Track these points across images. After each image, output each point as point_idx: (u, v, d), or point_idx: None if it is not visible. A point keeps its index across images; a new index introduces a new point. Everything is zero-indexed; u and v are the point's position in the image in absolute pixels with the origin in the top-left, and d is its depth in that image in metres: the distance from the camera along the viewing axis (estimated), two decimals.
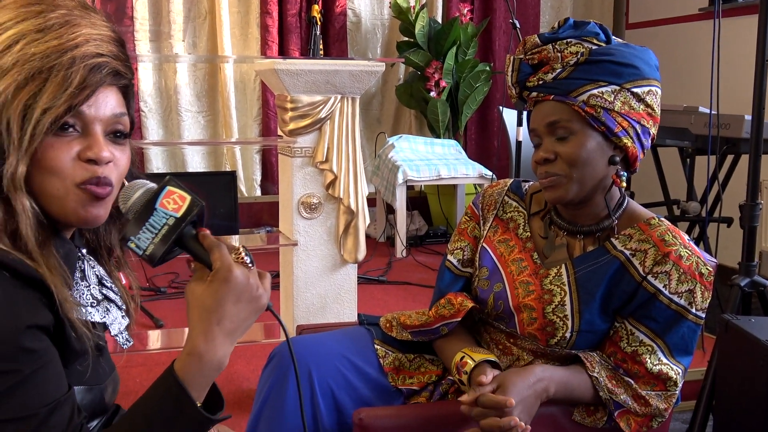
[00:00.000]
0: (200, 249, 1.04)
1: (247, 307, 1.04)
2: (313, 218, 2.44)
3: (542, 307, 1.46)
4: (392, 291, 3.98)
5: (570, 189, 1.42)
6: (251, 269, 1.05)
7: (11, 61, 0.95)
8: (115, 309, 1.13)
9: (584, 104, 1.39)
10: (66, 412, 0.96)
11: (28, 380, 0.92)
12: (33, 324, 0.93)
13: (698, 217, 3.41)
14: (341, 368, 1.58)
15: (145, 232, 1.01)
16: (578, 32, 1.43)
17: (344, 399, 1.56)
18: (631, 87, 1.40)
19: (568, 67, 1.40)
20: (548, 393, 1.40)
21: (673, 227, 1.46)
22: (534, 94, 1.44)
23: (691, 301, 1.41)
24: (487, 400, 1.32)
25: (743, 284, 2.36)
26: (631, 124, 1.41)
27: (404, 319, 1.63)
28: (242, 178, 5.39)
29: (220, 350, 1.02)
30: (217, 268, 1.02)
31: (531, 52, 1.44)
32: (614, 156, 1.43)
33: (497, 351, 1.55)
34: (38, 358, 0.94)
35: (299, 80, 2.32)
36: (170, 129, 5.27)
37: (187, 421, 0.99)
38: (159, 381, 1.01)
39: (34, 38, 0.96)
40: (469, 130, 5.82)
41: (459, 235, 1.66)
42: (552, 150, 1.42)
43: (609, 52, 1.41)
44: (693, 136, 3.28)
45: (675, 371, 1.43)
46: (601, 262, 1.46)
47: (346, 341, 1.64)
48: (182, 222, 1.02)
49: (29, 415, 0.92)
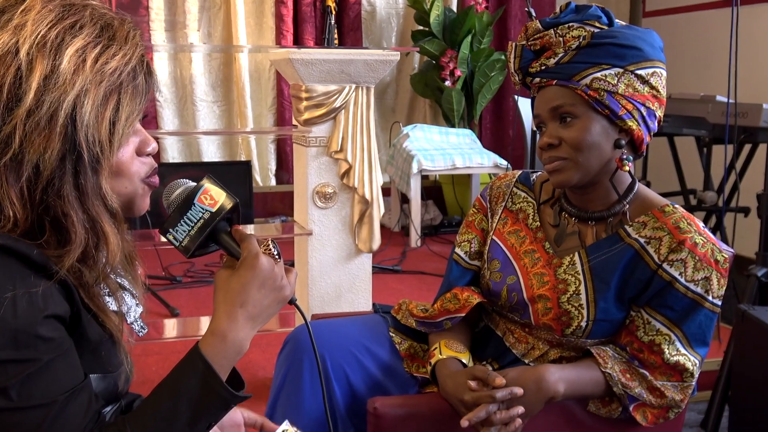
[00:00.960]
0: (232, 244, 1.10)
1: (270, 294, 1.08)
2: (328, 208, 2.45)
3: (557, 297, 1.46)
4: (407, 280, 3.98)
5: (575, 173, 1.42)
6: (278, 261, 1.09)
7: (86, 82, 0.96)
8: (129, 297, 1.15)
9: (587, 88, 1.38)
10: (84, 400, 0.98)
11: (46, 368, 0.94)
12: (51, 314, 0.95)
13: (715, 207, 3.39)
14: (356, 353, 1.58)
15: (183, 225, 1.08)
16: (580, 16, 1.42)
17: (359, 384, 1.57)
18: (634, 69, 1.39)
19: (570, 51, 1.40)
20: (557, 393, 1.39)
21: (688, 214, 1.44)
22: (537, 80, 1.44)
23: (708, 289, 1.40)
24: (502, 396, 1.33)
25: (760, 274, 2.35)
26: (635, 106, 1.40)
27: (412, 307, 1.64)
28: (257, 168, 5.40)
29: (241, 332, 1.06)
30: (245, 256, 1.07)
31: (533, 37, 1.44)
32: (619, 139, 1.42)
33: (512, 339, 1.54)
34: (56, 346, 0.95)
35: (314, 70, 2.32)
36: (185, 119, 5.28)
37: (212, 397, 1.01)
38: (184, 360, 1.03)
39: (98, 54, 0.98)
40: (484, 120, 5.81)
41: (466, 227, 1.66)
42: (556, 135, 1.42)
43: (611, 34, 1.40)
44: (710, 125, 3.25)
45: (692, 362, 1.42)
46: (615, 250, 1.45)
47: (361, 327, 1.65)
48: (216, 216, 1.08)
49: (49, 402, 0.94)
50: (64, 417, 0.95)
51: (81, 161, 0.97)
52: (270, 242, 1.11)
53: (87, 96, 0.96)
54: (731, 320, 2.24)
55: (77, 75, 0.96)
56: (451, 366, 1.46)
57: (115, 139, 0.99)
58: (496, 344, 1.57)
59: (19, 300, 0.92)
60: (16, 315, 0.91)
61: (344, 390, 1.55)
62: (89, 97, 0.96)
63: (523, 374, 1.40)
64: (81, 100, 0.96)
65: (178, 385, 1.01)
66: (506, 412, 1.32)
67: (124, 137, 1.01)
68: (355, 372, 1.57)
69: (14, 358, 0.92)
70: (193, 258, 1.12)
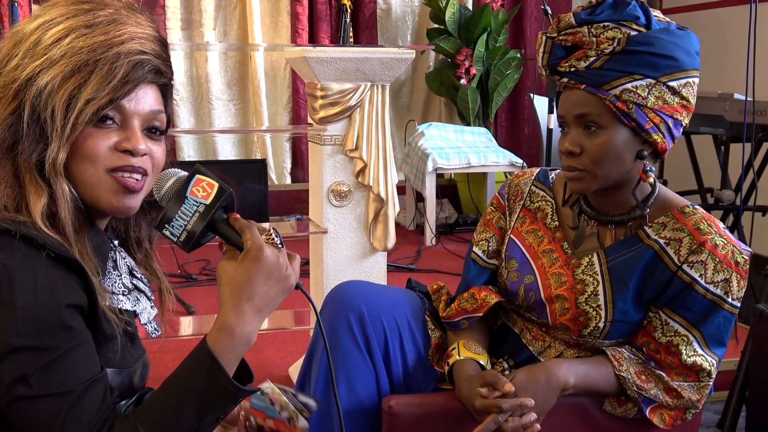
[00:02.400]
0: (231, 232, 1.08)
1: (276, 285, 1.07)
2: (343, 206, 2.44)
3: (575, 298, 1.45)
4: (422, 279, 3.93)
5: (593, 183, 1.40)
6: (281, 250, 1.08)
7: (59, 54, 1.00)
8: (144, 299, 1.16)
9: (616, 99, 1.34)
10: (100, 391, 0.99)
11: (65, 357, 0.95)
12: (70, 303, 0.96)
13: (732, 206, 3.37)
14: (400, 326, 1.57)
15: (178, 219, 1.06)
16: (617, 14, 1.35)
17: (394, 352, 1.55)
18: (667, 81, 1.35)
19: (603, 56, 1.34)
20: (567, 385, 1.39)
21: (708, 215, 1.43)
22: (565, 80, 1.39)
23: (727, 291, 1.39)
24: (509, 406, 1.31)
25: None
26: (663, 119, 1.36)
27: (444, 299, 1.63)
28: (272, 166, 5.41)
29: (249, 325, 1.05)
30: (249, 248, 1.06)
31: (565, 32, 1.38)
32: (642, 150, 1.39)
33: (529, 336, 1.54)
34: (75, 336, 0.97)
35: (329, 68, 2.31)
36: (201, 117, 5.30)
37: (219, 392, 1.01)
38: (191, 355, 1.04)
39: (82, 33, 1.01)
40: (500, 118, 5.79)
41: (484, 225, 1.64)
42: (579, 142, 1.38)
43: (648, 41, 1.33)
44: (727, 123, 3.23)
45: (709, 362, 1.41)
46: (634, 251, 1.44)
47: (406, 300, 1.63)
48: (212, 208, 1.06)
49: (66, 392, 0.95)
50: (81, 407, 0.96)
51: (35, 127, 1.00)
52: (272, 230, 1.09)
53: (53, 66, 1.00)
54: (748, 320, 2.22)
55: (54, 47, 1.01)
56: (468, 368, 1.45)
57: (71, 114, 1.00)
58: (513, 341, 1.57)
59: (41, 288, 0.93)
60: (38, 303, 0.93)
61: (384, 366, 1.54)
62: (55, 68, 1.00)
63: (531, 371, 1.40)
64: (46, 69, 1.00)
65: (185, 379, 1.02)
66: (518, 420, 1.31)
67: (85, 116, 1.01)
68: (394, 339, 1.55)
69: (35, 346, 0.93)
70: (194, 250, 1.10)
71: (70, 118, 0.99)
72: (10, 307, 0.92)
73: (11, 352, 0.93)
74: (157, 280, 1.23)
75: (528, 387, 1.36)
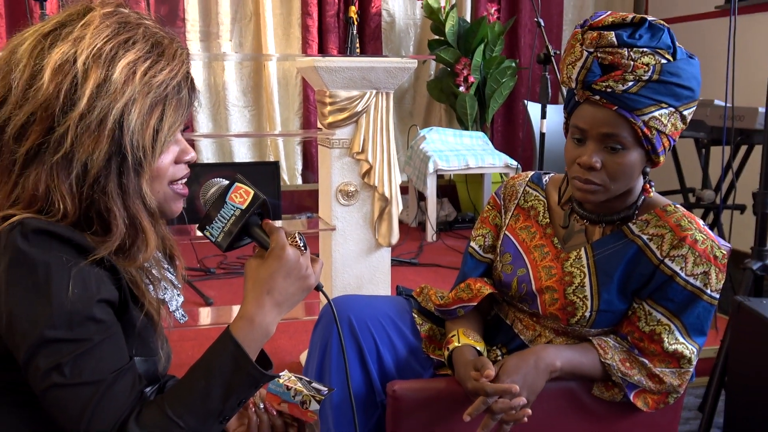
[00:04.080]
0: (262, 235, 1.11)
1: (296, 283, 1.08)
2: (350, 205, 2.45)
3: (563, 289, 1.45)
4: (423, 273, 3.98)
5: (603, 196, 1.41)
6: (304, 253, 1.10)
7: (136, 92, 0.99)
8: (171, 288, 1.16)
9: (644, 125, 1.32)
10: (129, 379, 0.99)
11: (97, 348, 0.96)
12: (102, 298, 0.97)
13: (713, 205, 3.36)
14: (385, 326, 1.58)
15: (217, 222, 1.10)
16: (654, 41, 1.31)
17: (385, 353, 1.56)
18: (683, 110, 1.35)
19: (640, 83, 1.31)
20: (554, 367, 1.39)
21: (689, 213, 1.43)
22: (596, 97, 1.34)
23: (706, 283, 1.39)
24: (492, 390, 1.32)
25: (756, 268, 2.33)
26: (670, 142, 1.38)
27: (432, 293, 1.64)
28: (285, 168, 5.42)
29: (268, 316, 1.06)
30: (273, 247, 1.08)
31: (604, 50, 1.32)
32: (646, 167, 1.40)
33: (521, 326, 1.54)
34: (106, 328, 0.97)
35: (337, 76, 2.32)
36: (219, 122, 5.31)
37: (243, 376, 1.02)
38: (216, 342, 1.04)
39: (148, 67, 1.01)
40: (496, 123, 5.78)
41: (481, 223, 1.65)
42: (600, 158, 1.36)
43: (676, 72, 1.31)
44: (708, 127, 3.23)
45: (690, 350, 1.41)
46: (618, 246, 1.45)
47: (389, 304, 1.65)
48: (246, 212, 1.09)
49: (98, 380, 0.95)
50: (112, 394, 0.96)
51: (125, 163, 0.99)
52: (297, 235, 1.12)
53: (135, 105, 0.99)
54: (728, 311, 2.22)
55: (127, 85, 0.99)
56: (466, 354, 1.46)
57: (158, 146, 1.02)
58: (505, 330, 1.57)
59: (76, 285, 0.94)
60: (72, 298, 0.93)
61: (376, 363, 1.55)
62: (136, 106, 0.99)
63: (522, 355, 1.40)
64: (129, 108, 0.98)
65: (211, 365, 1.02)
66: (506, 402, 1.31)
67: (166, 145, 1.03)
68: (385, 345, 1.57)
69: (68, 338, 0.94)
70: (229, 251, 1.13)
71: (157, 147, 1.02)
72: (47, 301, 0.93)
73: (46, 343, 0.93)
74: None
75: (519, 370, 1.36)
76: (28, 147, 0.97)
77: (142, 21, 1.04)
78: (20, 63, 0.98)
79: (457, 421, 1.39)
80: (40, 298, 0.93)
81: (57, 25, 1.00)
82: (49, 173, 0.97)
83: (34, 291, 0.93)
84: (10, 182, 0.99)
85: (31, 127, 0.97)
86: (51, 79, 0.96)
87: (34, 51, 0.98)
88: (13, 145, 0.98)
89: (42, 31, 1.00)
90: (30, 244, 0.94)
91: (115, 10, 1.03)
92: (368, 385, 1.54)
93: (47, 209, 0.98)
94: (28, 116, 0.97)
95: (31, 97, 0.97)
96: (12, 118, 0.97)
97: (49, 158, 0.97)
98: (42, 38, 0.99)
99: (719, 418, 2.31)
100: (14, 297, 0.93)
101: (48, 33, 1.00)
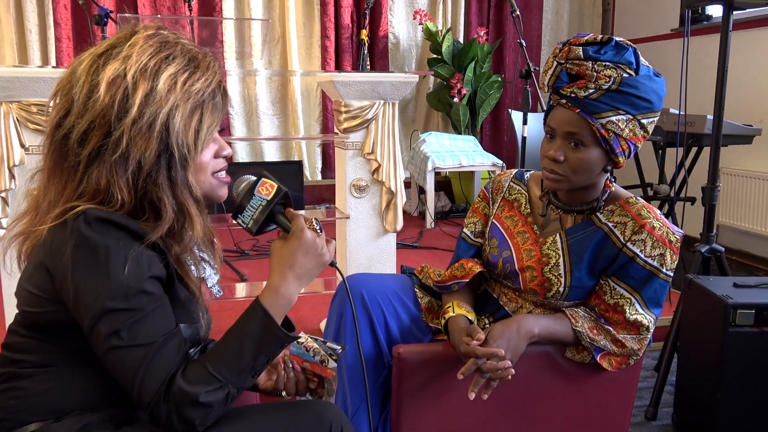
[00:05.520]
0: (285, 221, 1.12)
1: (313, 260, 1.09)
2: (362, 197, 2.44)
3: (541, 268, 1.45)
4: (423, 254, 3.98)
5: (566, 185, 1.40)
6: (320, 234, 1.11)
7: (178, 99, 1.00)
8: (209, 267, 1.17)
9: (602, 127, 1.31)
10: (176, 342, 1.00)
11: (149, 316, 0.96)
12: (152, 275, 0.97)
13: (668, 197, 3.35)
14: (391, 299, 1.58)
15: (248, 210, 1.10)
16: (617, 57, 1.30)
17: (393, 326, 1.56)
18: (641, 119, 1.33)
19: (599, 91, 1.30)
20: (533, 334, 1.38)
21: (648, 204, 1.42)
22: (564, 101, 1.35)
23: (662, 263, 1.38)
24: (482, 352, 1.31)
25: (703, 250, 2.32)
26: (629, 146, 1.35)
27: (431, 271, 1.63)
28: (307, 166, 5.41)
29: (290, 287, 1.07)
30: (293, 230, 1.09)
31: (572, 61, 1.32)
32: (607, 165, 1.38)
33: (505, 299, 1.54)
34: (156, 300, 0.98)
35: (351, 89, 2.31)
36: (252, 127, 5.31)
37: (270, 337, 1.02)
38: (248, 310, 1.05)
39: (186, 78, 1.01)
40: (485, 128, 5.76)
41: (473, 212, 1.64)
42: (564, 153, 1.36)
43: (635, 84, 1.30)
44: (664, 132, 3.21)
45: (648, 320, 1.40)
46: (588, 232, 1.44)
47: (395, 281, 1.65)
48: (271, 203, 1.10)
49: (151, 342, 0.96)
50: (161, 354, 0.97)
51: (172, 159, 0.99)
52: (314, 220, 1.12)
53: (177, 110, 0.99)
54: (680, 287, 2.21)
55: (170, 93, 0.99)
56: (460, 322, 1.46)
57: (199, 144, 1.02)
58: (492, 303, 1.57)
59: (131, 264, 0.94)
60: (128, 275, 0.94)
61: (384, 330, 1.55)
62: (179, 111, 0.99)
63: (506, 323, 1.39)
64: (173, 113, 0.98)
65: (244, 328, 1.02)
66: (493, 363, 1.31)
67: (206, 142, 1.03)
68: (391, 315, 1.56)
69: (125, 308, 0.94)
70: (258, 235, 1.13)
71: (199, 145, 1.02)
72: (107, 278, 0.93)
73: (107, 312, 0.94)
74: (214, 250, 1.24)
75: (503, 335, 1.36)
76: (90, 149, 0.97)
77: (179, 40, 1.04)
78: (79, 80, 0.99)
79: (452, 379, 1.39)
80: (101, 275, 0.93)
81: (108, 46, 1.01)
82: (109, 170, 0.97)
83: (95, 269, 0.93)
84: (76, 179, 0.99)
85: (92, 133, 0.97)
86: (106, 92, 0.96)
87: (91, 69, 0.99)
88: (77, 149, 0.98)
89: (96, 52, 1.00)
90: (92, 230, 0.94)
91: (156, 32, 1.03)
92: (377, 349, 1.54)
93: (108, 200, 0.98)
94: (88, 123, 0.97)
95: (90, 107, 0.97)
96: (75, 126, 0.97)
97: (108, 158, 0.97)
98: (97, 58, 1.00)
99: (672, 376, 2.31)
100: (79, 275, 0.94)
101: (101, 53, 1.00)
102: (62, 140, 0.99)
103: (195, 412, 0.96)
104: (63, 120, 0.99)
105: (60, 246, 0.95)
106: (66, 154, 0.99)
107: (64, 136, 0.98)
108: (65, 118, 0.98)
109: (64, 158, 0.99)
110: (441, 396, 1.45)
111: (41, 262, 0.98)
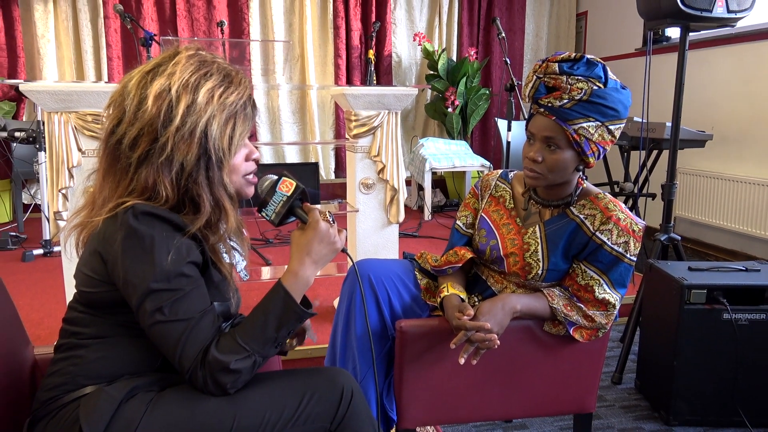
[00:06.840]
0: (303, 214, 1.11)
1: (327, 247, 1.09)
2: (369, 194, 2.44)
3: (522, 254, 1.44)
4: (422, 242, 3.97)
5: (543, 182, 1.39)
6: (332, 225, 1.10)
7: (215, 110, 0.99)
8: (237, 254, 1.17)
9: (574, 132, 1.31)
10: (211, 317, 1.00)
11: (188, 295, 0.96)
12: (191, 260, 0.98)
13: (632, 193, 3.33)
14: (394, 281, 1.57)
15: (271, 205, 1.10)
16: (588, 72, 1.30)
17: (395, 300, 1.56)
18: (609, 125, 1.32)
19: (572, 101, 1.30)
20: (515, 310, 1.38)
21: (614, 199, 1.42)
22: (542, 110, 1.35)
23: (627, 249, 1.38)
24: (471, 326, 1.32)
25: (663, 239, 2.31)
26: (599, 149, 1.34)
27: (429, 257, 1.63)
28: (322, 167, 5.42)
29: (308, 271, 1.07)
30: (310, 221, 1.09)
31: (549, 75, 1.32)
32: (579, 165, 1.37)
33: (492, 280, 1.53)
34: (193, 281, 0.98)
35: (360, 101, 2.30)
36: (275, 134, 5.31)
37: (290, 313, 1.03)
38: (271, 290, 1.05)
39: (222, 92, 1.00)
40: (474, 134, 5.75)
41: (464, 207, 1.64)
42: (542, 154, 1.36)
43: (604, 95, 1.29)
44: (629, 137, 3.19)
45: (614, 298, 1.40)
46: (563, 223, 1.43)
47: (398, 265, 1.64)
48: (291, 198, 1.09)
49: (189, 318, 0.96)
50: (199, 328, 0.97)
51: (210, 161, 0.99)
52: (327, 213, 1.12)
53: (214, 119, 0.99)
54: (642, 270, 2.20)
55: (208, 105, 0.99)
56: (453, 300, 1.46)
57: (233, 148, 1.01)
58: (481, 284, 1.56)
59: (173, 251, 0.95)
60: (170, 261, 0.94)
61: (388, 307, 1.55)
62: (216, 120, 0.99)
63: (493, 300, 1.39)
64: (210, 122, 0.98)
65: (268, 306, 1.03)
66: (481, 335, 1.31)
67: (238, 147, 1.03)
68: (393, 294, 1.56)
69: (167, 288, 0.95)
70: (280, 226, 1.13)
71: (232, 149, 1.01)
72: (151, 263, 0.93)
73: (152, 292, 0.94)
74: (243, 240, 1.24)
75: (491, 311, 1.36)
76: (140, 153, 0.97)
77: (216, 59, 1.04)
78: (130, 93, 0.99)
79: (446, 349, 1.39)
80: (147, 260, 0.93)
81: (155, 65, 1.01)
82: (156, 171, 0.97)
83: (142, 256, 0.94)
84: (127, 178, 0.99)
85: (141, 139, 0.97)
86: (153, 104, 0.97)
87: (140, 84, 0.99)
88: (128, 152, 0.98)
89: (144, 70, 1.00)
90: (139, 222, 0.94)
91: (195, 52, 1.03)
92: (382, 323, 1.54)
93: (154, 197, 0.98)
94: (138, 131, 0.97)
95: (139, 117, 0.97)
96: (127, 133, 0.98)
97: (155, 160, 0.97)
98: (145, 75, 1.00)
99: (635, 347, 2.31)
100: (128, 261, 0.94)
101: (149, 71, 1.00)
102: (115, 145, 0.99)
103: (227, 377, 0.96)
104: (116, 128, 0.99)
105: (112, 235, 0.95)
106: (118, 157, 0.99)
107: (117, 142, 0.99)
108: (118, 126, 0.99)
109: (117, 161, 0.99)
110: (437, 363, 1.46)
111: (96, 249, 0.98)
